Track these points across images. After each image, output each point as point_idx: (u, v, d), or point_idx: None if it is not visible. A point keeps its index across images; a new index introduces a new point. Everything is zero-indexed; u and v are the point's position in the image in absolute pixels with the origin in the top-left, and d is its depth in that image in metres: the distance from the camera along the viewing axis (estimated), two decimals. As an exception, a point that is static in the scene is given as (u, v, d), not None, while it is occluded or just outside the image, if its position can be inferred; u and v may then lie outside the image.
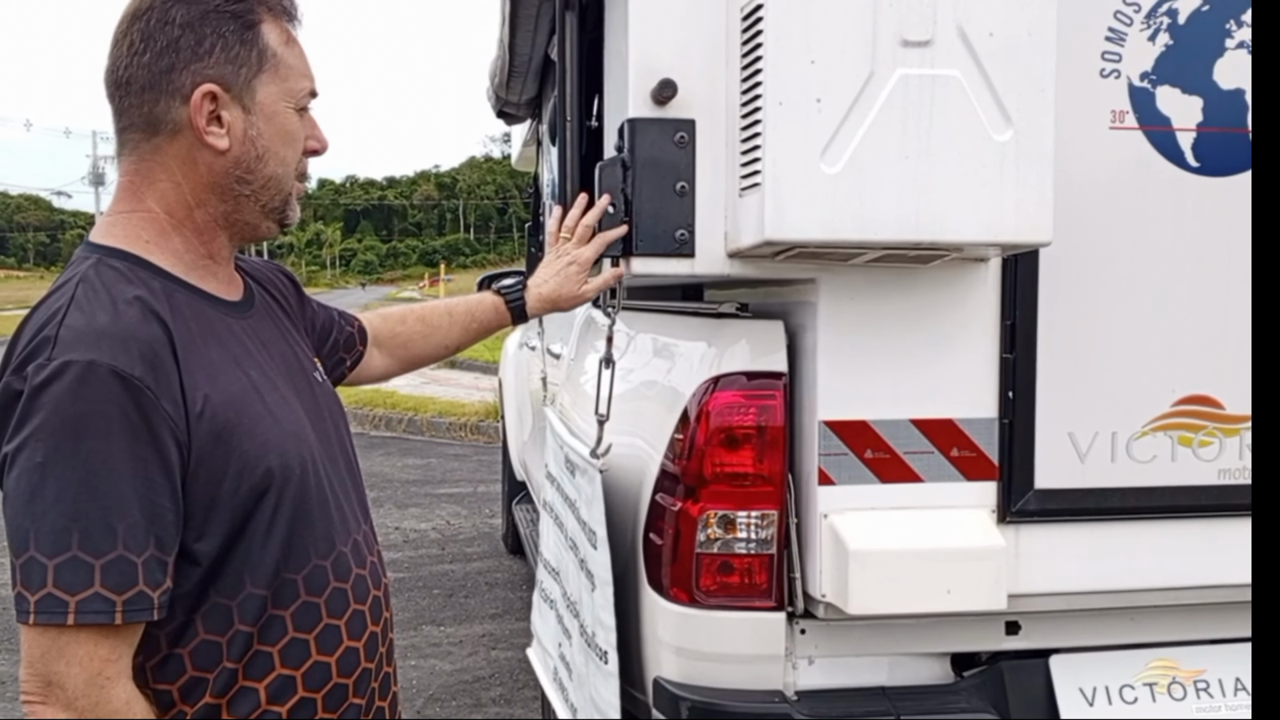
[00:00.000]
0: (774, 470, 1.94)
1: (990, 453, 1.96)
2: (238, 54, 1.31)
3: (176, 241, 1.34)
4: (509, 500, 5.77)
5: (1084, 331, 1.98)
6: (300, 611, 1.34)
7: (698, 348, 2.12)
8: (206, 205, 1.34)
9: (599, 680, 2.09)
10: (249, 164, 1.34)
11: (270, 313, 1.49)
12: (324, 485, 1.39)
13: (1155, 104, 1.97)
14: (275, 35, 1.35)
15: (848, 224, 1.65)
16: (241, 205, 1.36)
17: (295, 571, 1.33)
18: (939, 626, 2.03)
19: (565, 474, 2.50)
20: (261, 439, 1.29)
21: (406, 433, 10.74)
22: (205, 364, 1.27)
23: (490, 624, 5.08)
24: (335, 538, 1.39)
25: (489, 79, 3.76)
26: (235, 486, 1.27)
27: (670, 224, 1.85)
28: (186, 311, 1.29)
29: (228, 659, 1.28)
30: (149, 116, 1.31)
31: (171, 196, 1.33)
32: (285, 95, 1.36)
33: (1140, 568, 2.02)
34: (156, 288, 1.28)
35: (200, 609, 1.27)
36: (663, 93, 1.83)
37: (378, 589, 1.47)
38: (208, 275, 1.37)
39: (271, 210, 1.39)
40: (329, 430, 1.47)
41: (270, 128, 1.35)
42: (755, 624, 1.97)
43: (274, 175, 1.37)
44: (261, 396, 1.33)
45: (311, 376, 1.50)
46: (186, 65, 1.29)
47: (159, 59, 1.29)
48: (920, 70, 1.64)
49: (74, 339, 1.17)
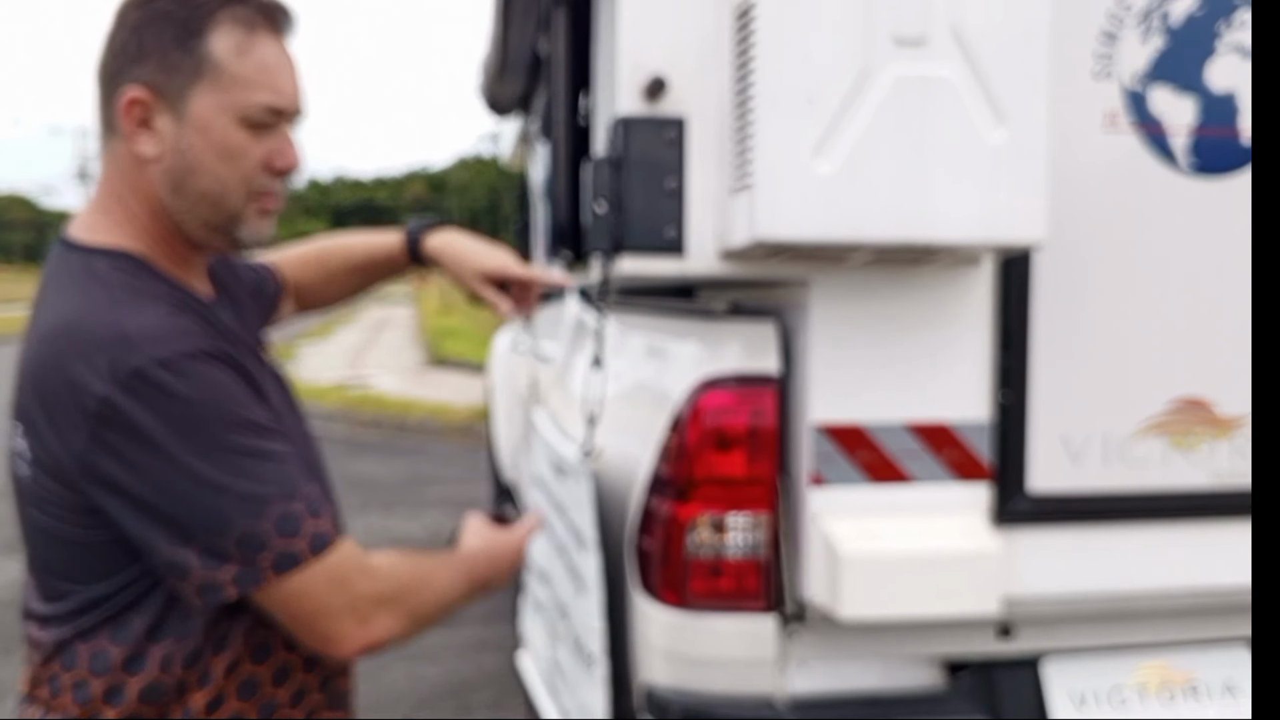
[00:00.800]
0: (765, 473, 1.93)
1: (983, 455, 1.95)
2: (173, 60, 1.26)
3: (159, 246, 1.33)
4: (496, 503, 5.74)
5: (1078, 333, 1.97)
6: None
7: (689, 348, 2.10)
8: (158, 213, 1.32)
9: (587, 684, 2.07)
10: (179, 176, 1.29)
11: (233, 305, 1.48)
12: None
13: (1148, 105, 1.96)
14: (225, 44, 1.28)
15: (840, 224, 1.64)
16: (183, 219, 1.32)
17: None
18: (931, 630, 2.01)
19: (554, 477, 2.48)
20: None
21: (394, 435, 10.70)
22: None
23: (479, 628, 5.05)
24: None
25: (482, 74, 3.75)
26: None
27: (660, 223, 1.84)
28: (200, 313, 1.32)
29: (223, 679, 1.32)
30: (106, 116, 1.31)
31: (130, 197, 1.32)
32: (225, 108, 1.28)
33: (1131, 571, 2.01)
34: (166, 287, 1.30)
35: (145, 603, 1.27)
36: (653, 90, 1.82)
37: None
38: (191, 276, 1.37)
39: (216, 227, 1.33)
40: (301, 417, 1.50)
41: (203, 141, 1.28)
42: (746, 628, 1.95)
43: (208, 191, 1.30)
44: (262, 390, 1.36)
45: (267, 361, 1.49)
46: (127, 69, 1.27)
47: (113, 60, 1.29)
48: (914, 69, 1.63)
49: (147, 337, 1.19)
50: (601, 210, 1.83)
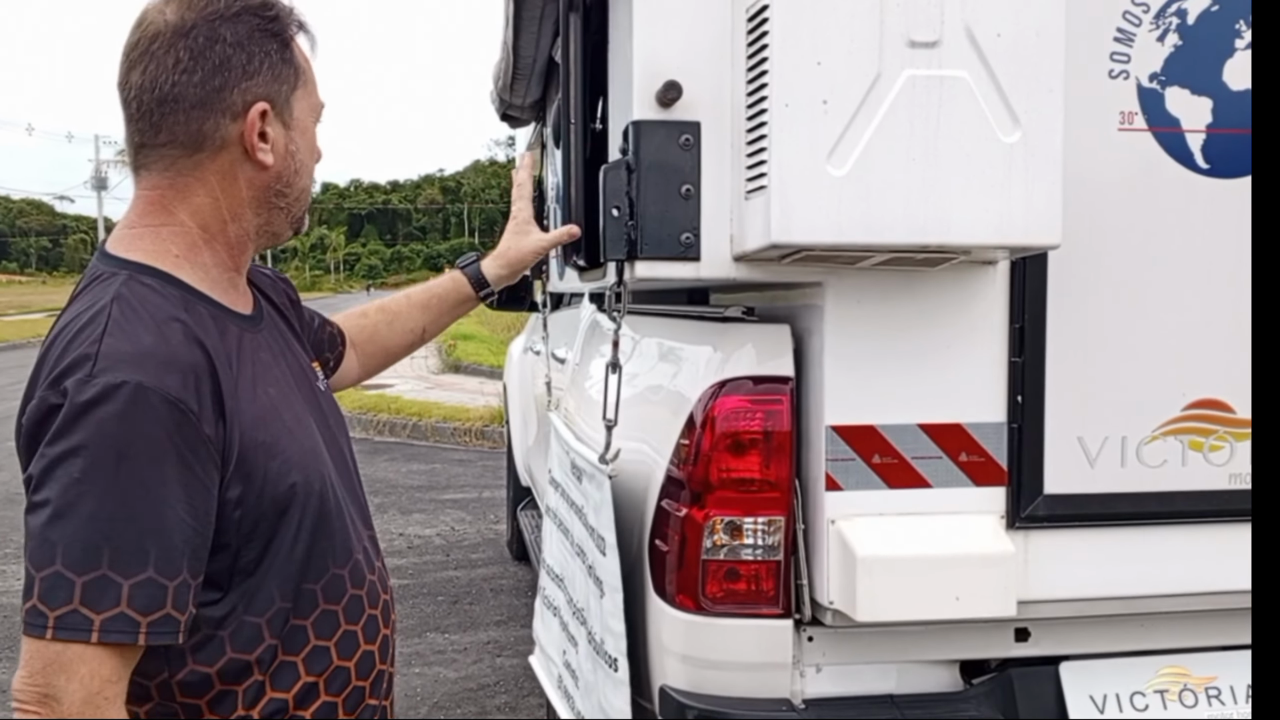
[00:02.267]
0: (781, 476, 1.92)
1: (999, 458, 1.94)
2: (281, 72, 1.35)
3: (206, 256, 1.35)
4: (514, 506, 5.75)
5: (1093, 335, 1.96)
6: (320, 620, 1.37)
7: (703, 352, 2.10)
8: (242, 219, 1.37)
9: (609, 688, 2.07)
10: (288, 178, 1.38)
11: (275, 324, 1.50)
12: (339, 496, 1.42)
13: (1164, 105, 1.95)
14: (302, 50, 1.40)
15: (855, 226, 1.64)
16: (274, 217, 1.40)
17: (315, 582, 1.36)
18: (948, 633, 2.01)
19: (571, 479, 2.48)
20: (284, 456, 1.31)
21: (411, 438, 10.73)
22: (238, 384, 1.28)
23: (495, 631, 5.06)
24: (351, 547, 1.42)
25: (493, 82, 3.75)
26: (260, 504, 1.28)
27: (675, 227, 1.84)
28: (220, 333, 1.31)
29: (258, 672, 1.31)
30: (195, 133, 1.31)
31: (208, 211, 1.34)
32: (312, 110, 1.42)
33: (1151, 573, 2.00)
34: (195, 308, 1.29)
35: (228, 627, 1.28)
36: (667, 95, 1.82)
37: (386, 592, 1.51)
38: (230, 289, 1.39)
39: (295, 220, 1.44)
40: (337, 439, 1.50)
41: (303, 142, 1.41)
42: (762, 631, 1.95)
43: (305, 187, 1.43)
44: (280, 414, 1.35)
45: (315, 387, 1.52)
46: (238, 83, 1.31)
47: (212, 77, 1.30)
48: (927, 71, 1.63)
49: (119, 359, 1.17)
50: (616, 215, 1.83)
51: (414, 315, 1.97)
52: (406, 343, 1.98)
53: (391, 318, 1.95)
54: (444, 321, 2.01)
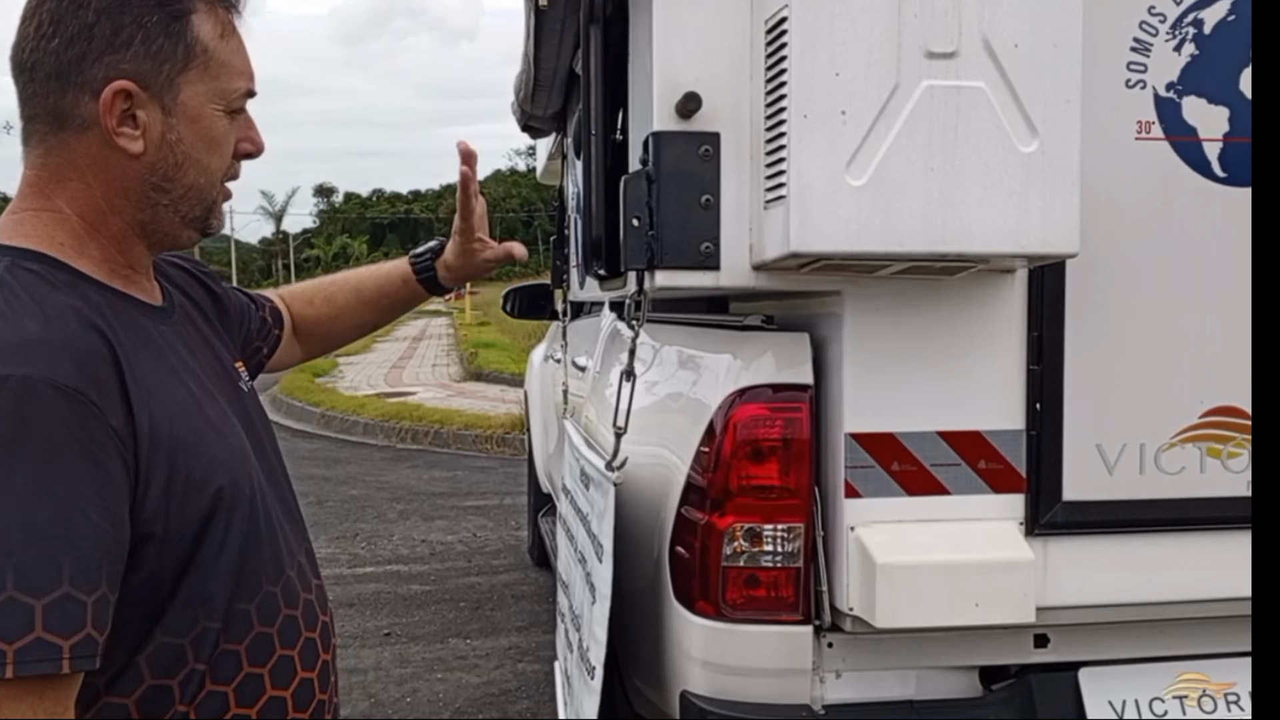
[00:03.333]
0: (800, 483, 1.94)
1: (1018, 465, 1.95)
2: (160, 47, 1.15)
3: (92, 247, 1.18)
4: (534, 513, 5.78)
5: (1111, 342, 1.97)
6: (255, 645, 1.21)
7: (723, 360, 2.12)
8: (121, 212, 1.19)
9: (584, 695, 2.08)
10: (166, 171, 1.19)
11: (190, 319, 1.34)
12: (270, 505, 1.27)
13: (1181, 114, 1.96)
14: (208, 28, 1.19)
15: (873, 236, 1.65)
16: (159, 214, 1.21)
17: (247, 600, 1.20)
18: (967, 639, 2.02)
19: (580, 487, 2.50)
20: (209, 456, 1.16)
21: (433, 445, 10.78)
22: (145, 376, 1.12)
23: (516, 637, 5.08)
24: (283, 561, 1.27)
25: (514, 93, 3.78)
26: (183, 509, 1.12)
27: (695, 237, 1.86)
28: (120, 320, 1.14)
29: (180, 702, 1.14)
30: (55, 108, 1.15)
31: (83, 199, 1.17)
32: (214, 96, 1.20)
33: (1170, 580, 2.00)
34: (88, 295, 1.13)
35: (144, 650, 1.12)
36: (687, 106, 1.84)
37: (325, 613, 1.36)
38: (130, 282, 1.22)
39: (191, 220, 1.24)
40: (264, 443, 1.34)
41: (193, 132, 1.19)
42: (782, 638, 1.96)
43: (195, 185, 1.21)
44: (202, 410, 1.20)
45: (239, 387, 1.36)
46: (100, 56, 1.13)
47: (69, 46, 1.13)
48: (945, 81, 1.64)
49: (1, 351, 1.02)
50: (636, 225, 1.85)
51: (362, 314, 1.85)
52: (349, 338, 1.89)
53: (338, 312, 1.83)
54: (391, 317, 1.90)
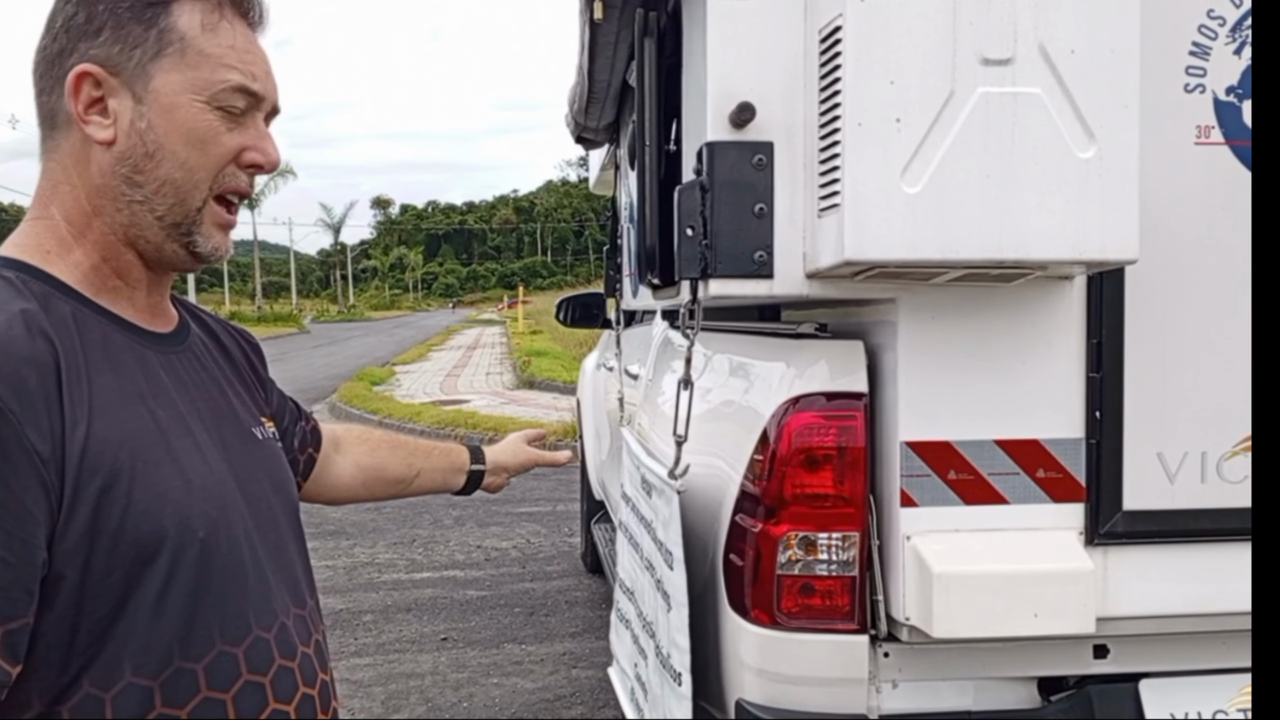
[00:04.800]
0: (855, 491, 1.94)
1: (1077, 474, 1.93)
2: (131, 33, 1.12)
3: (78, 254, 1.15)
4: (588, 519, 5.81)
5: (1171, 350, 1.94)
6: (201, 709, 1.09)
7: (777, 368, 2.12)
8: (104, 214, 1.15)
9: (673, 701, 2.09)
10: (136, 161, 1.13)
11: (208, 358, 1.28)
12: (242, 555, 1.15)
13: (1241, 118, 1.93)
14: (191, 17, 1.14)
15: (929, 243, 1.65)
16: (136, 217, 1.15)
17: (194, 660, 1.09)
18: (1025, 650, 2.00)
19: (641, 494, 2.51)
20: (157, 490, 1.06)
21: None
22: (96, 393, 1.06)
23: (571, 642, 5.10)
24: (252, 619, 1.15)
25: (568, 105, 3.82)
26: (116, 544, 1.03)
27: (749, 246, 1.87)
28: (84, 333, 1.09)
29: None
30: (45, 109, 1.15)
31: (69, 202, 1.15)
32: (192, 86, 1.14)
33: (1232, 590, 1.97)
34: (53, 303, 1.09)
35: (68, 700, 1.02)
36: (741, 115, 1.85)
37: (310, 686, 1.21)
38: (119, 298, 1.17)
39: (172, 228, 1.16)
40: (264, 492, 1.24)
41: (166, 122, 1.13)
42: (837, 646, 1.96)
43: (169, 178, 1.14)
44: (166, 440, 1.11)
45: (251, 432, 1.28)
46: (74, 46, 1.11)
47: (54, 41, 1.13)
48: (1001, 88, 1.64)
49: None
50: (690, 234, 1.87)
51: (417, 455, 1.85)
52: (401, 475, 1.81)
53: (395, 444, 1.84)
54: (436, 479, 1.87)
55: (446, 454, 1.90)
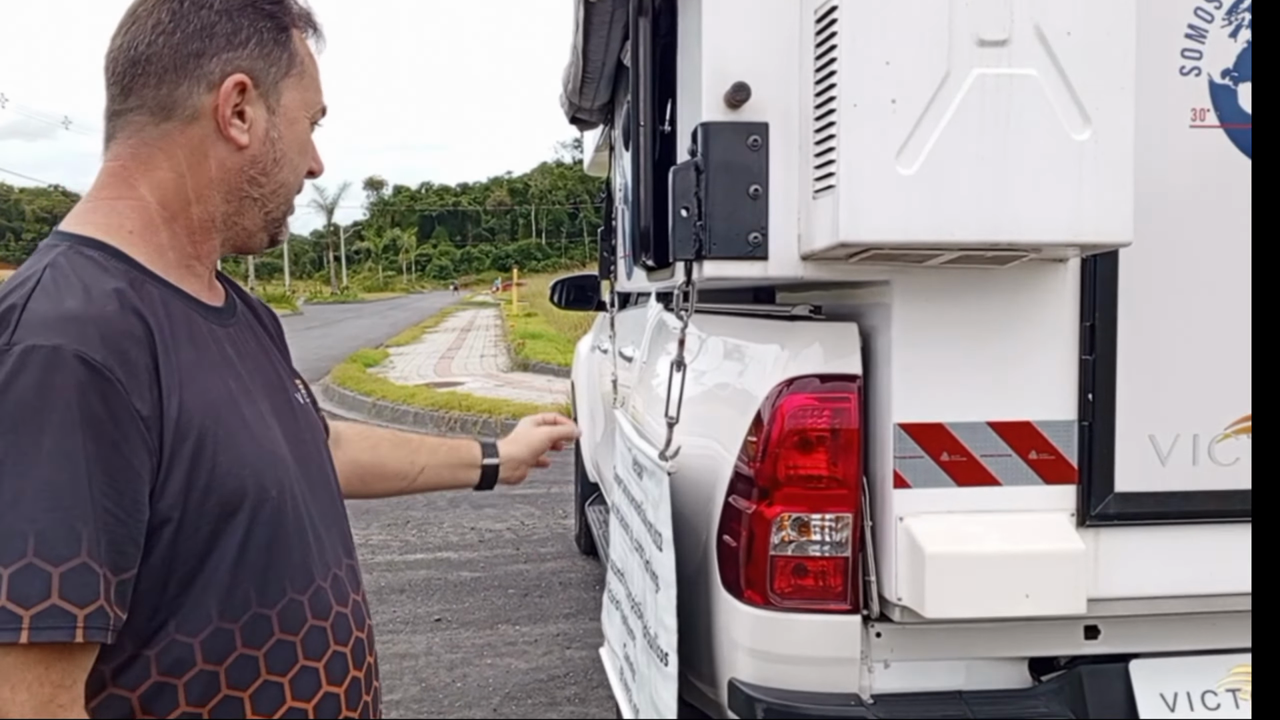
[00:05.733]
0: (848, 473, 1.94)
1: (1069, 455, 1.94)
2: (271, 51, 1.26)
3: (164, 235, 1.23)
4: (582, 501, 5.82)
5: (1165, 332, 1.95)
6: (274, 651, 1.20)
7: (770, 350, 2.13)
8: (208, 202, 1.25)
9: (659, 681, 2.10)
10: (265, 165, 1.27)
11: (251, 327, 1.38)
12: (302, 513, 1.26)
13: (1237, 101, 1.93)
14: (303, 44, 1.31)
15: (924, 225, 1.65)
16: (245, 209, 1.28)
17: (269, 606, 1.20)
18: (1016, 630, 2.01)
19: (633, 476, 2.52)
20: (237, 453, 1.17)
21: (481, 434, 10.87)
22: (184, 366, 1.15)
23: (564, 623, 5.12)
24: (314, 571, 1.27)
25: (562, 85, 3.81)
26: (204, 501, 1.14)
27: (743, 227, 1.87)
28: (166, 310, 1.18)
29: (186, 703, 1.14)
30: (165, 99, 1.22)
31: (170, 187, 1.23)
32: (306, 105, 1.32)
33: (1223, 572, 1.98)
34: (142, 285, 1.17)
35: (155, 645, 1.12)
36: (736, 96, 1.85)
37: (361, 630, 1.34)
38: (189, 276, 1.26)
39: (272, 221, 1.32)
40: (310, 455, 1.35)
41: (290, 133, 1.29)
42: (830, 627, 1.97)
43: (285, 183, 1.30)
44: (239, 408, 1.21)
45: (292, 397, 1.38)
46: (219, 52, 1.22)
47: (190, 40, 1.21)
48: (997, 70, 1.63)
49: (38, 323, 1.06)
50: (685, 215, 1.86)
51: (421, 451, 1.86)
52: (401, 471, 1.83)
53: (399, 442, 1.85)
54: (444, 475, 1.90)
55: (455, 450, 1.93)
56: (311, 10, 1.34)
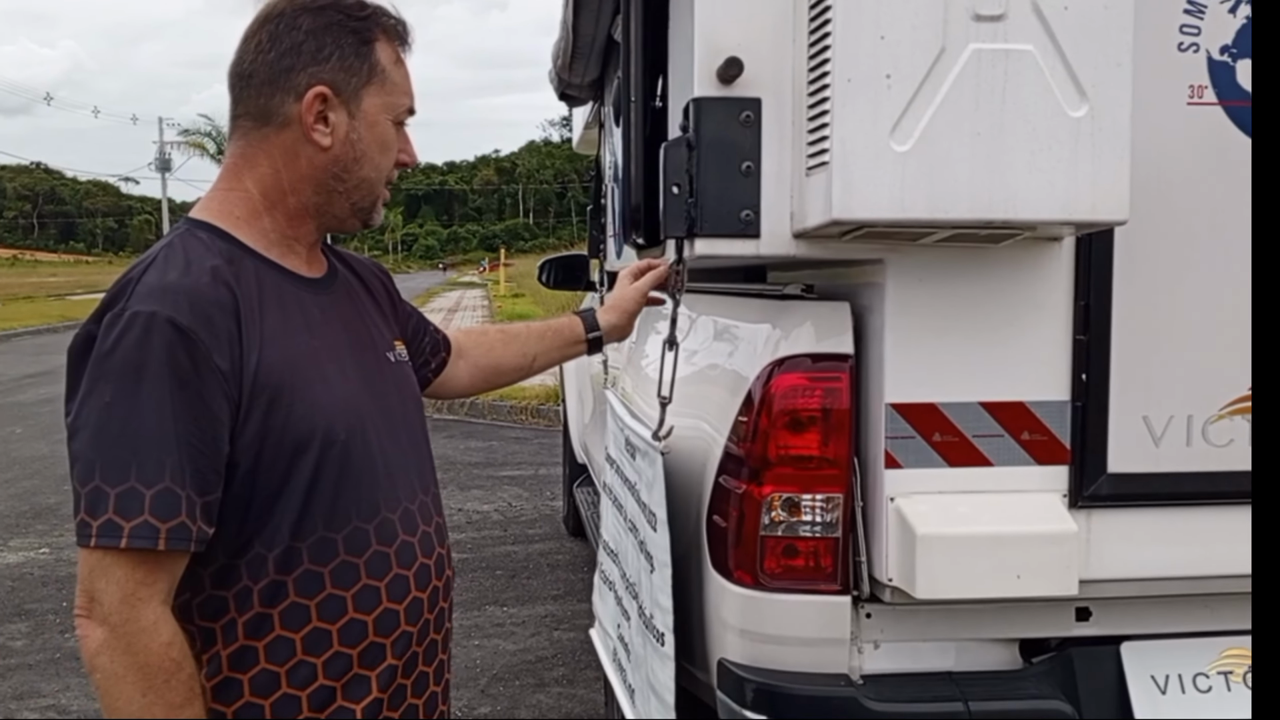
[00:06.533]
0: (839, 453, 1.93)
1: (1062, 436, 1.92)
2: (351, 64, 1.46)
3: (265, 221, 1.48)
4: (570, 483, 5.81)
5: (1160, 312, 1.93)
6: (339, 569, 1.43)
7: (762, 330, 2.11)
8: (300, 193, 1.48)
9: (655, 662, 2.09)
10: (346, 164, 1.48)
11: (352, 295, 1.61)
12: (373, 454, 1.48)
13: (1235, 78, 1.91)
14: (387, 54, 1.50)
15: (918, 203, 1.63)
16: (333, 199, 1.50)
17: (335, 531, 1.43)
18: (1007, 612, 2.00)
19: (625, 457, 2.50)
20: (311, 401, 1.40)
21: (469, 416, 10.85)
22: (267, 328, 1.39)
23: (552, 605, 5.12)
24: (381, 503, 1.48)
25: (552, 61, 3.77)
26: (280, 441, 1.37)
27: (735, 204, 1.84)
28: (258, 282, 1.42)
29: (260, 604, 1.39)
30: (263, 108, 1.45)
31: (269, 181, 1.47)
32: (386, 108, 1.50)
33: (1215, 554, 1.98)
34: (237, 259, 1.41)
35: (243, 556, 1.38)
36: (728, 71, 1.82)
37: (428, 556, 1.56)
38: (288, 253, 1.50)
39: (359, 210, 1.54)
40: (393, 405, 1.57)
41: (370, 135, 1.49)
42: (820, 607, 1.95)
43: (367, 178, 1.51)
44: (319, 364, 1.44)
45: (384, 356, 1.60)
46: (305, 67, 1.44)
47: (282, 59, 1.44)
48: (993, 45, 1.61)
49: (146, 293, 1.31)
50: (676, 192, 1.84)
51: (530, 341, 2.11)
52: (517, 365, 2.10)
53: (509, 339, 2.10)
54: (554, 356, 2.14)
55: (559, 332, 2.14)
56: (400, 21, 1.53)
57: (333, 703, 1.44)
